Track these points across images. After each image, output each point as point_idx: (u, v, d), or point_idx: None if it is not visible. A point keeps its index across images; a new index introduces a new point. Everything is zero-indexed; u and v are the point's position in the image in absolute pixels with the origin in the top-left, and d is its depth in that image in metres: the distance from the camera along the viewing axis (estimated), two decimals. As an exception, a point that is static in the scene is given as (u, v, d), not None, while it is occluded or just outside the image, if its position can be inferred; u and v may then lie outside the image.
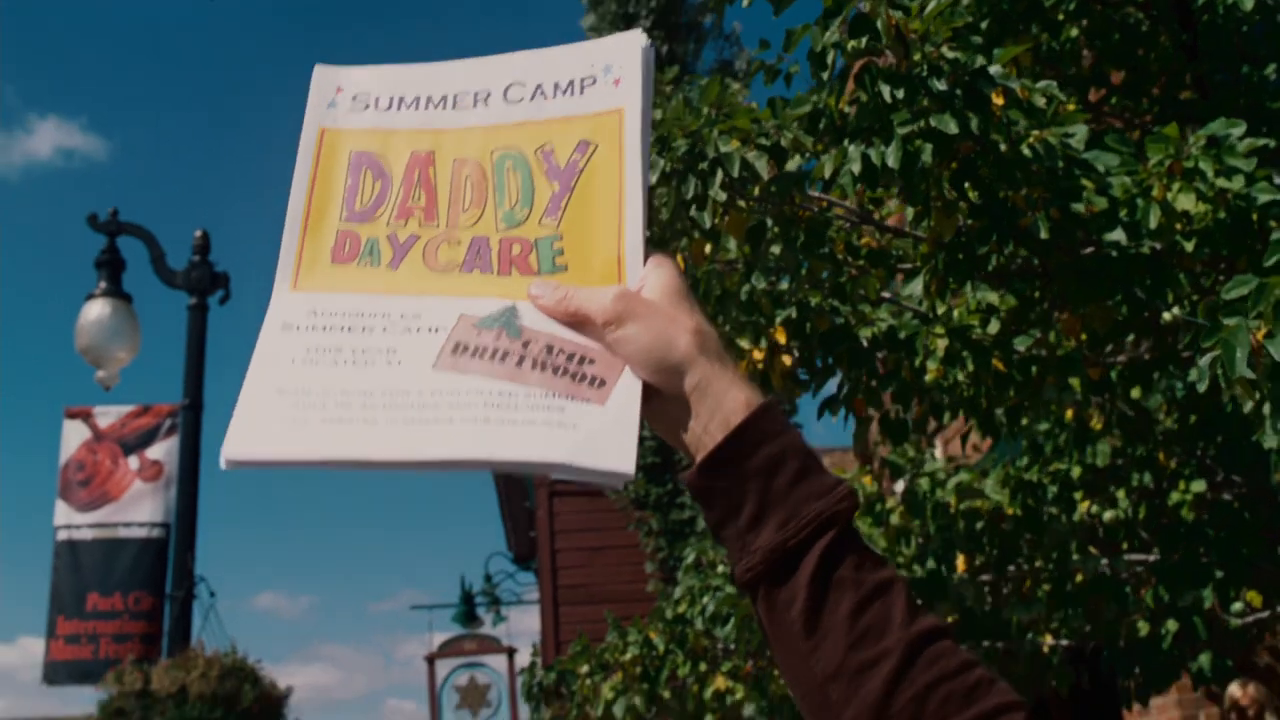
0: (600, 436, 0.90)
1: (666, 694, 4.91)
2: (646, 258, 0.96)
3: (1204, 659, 3.79)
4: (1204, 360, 1.90)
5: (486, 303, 0.96)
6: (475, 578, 21.16)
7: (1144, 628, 3.60)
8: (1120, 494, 3.86)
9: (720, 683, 4.65)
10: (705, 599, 4.67)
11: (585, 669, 4.95)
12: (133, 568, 11.41)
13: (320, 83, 1.04)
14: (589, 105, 1.00)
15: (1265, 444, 2.14)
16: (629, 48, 0.99)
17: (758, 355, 3.17)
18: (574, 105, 1.00)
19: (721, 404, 0.90)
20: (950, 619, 3.65)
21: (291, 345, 0.93)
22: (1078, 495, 3.45)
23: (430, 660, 19.18)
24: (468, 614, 19.73)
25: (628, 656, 4.87)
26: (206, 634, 10.97)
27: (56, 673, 11.38)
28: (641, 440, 7.58)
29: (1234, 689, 5.27)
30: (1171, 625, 3.61)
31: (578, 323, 0.93)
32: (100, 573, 11.42)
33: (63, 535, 11.56)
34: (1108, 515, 3.53)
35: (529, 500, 18.21)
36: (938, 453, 4.12)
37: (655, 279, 0.95)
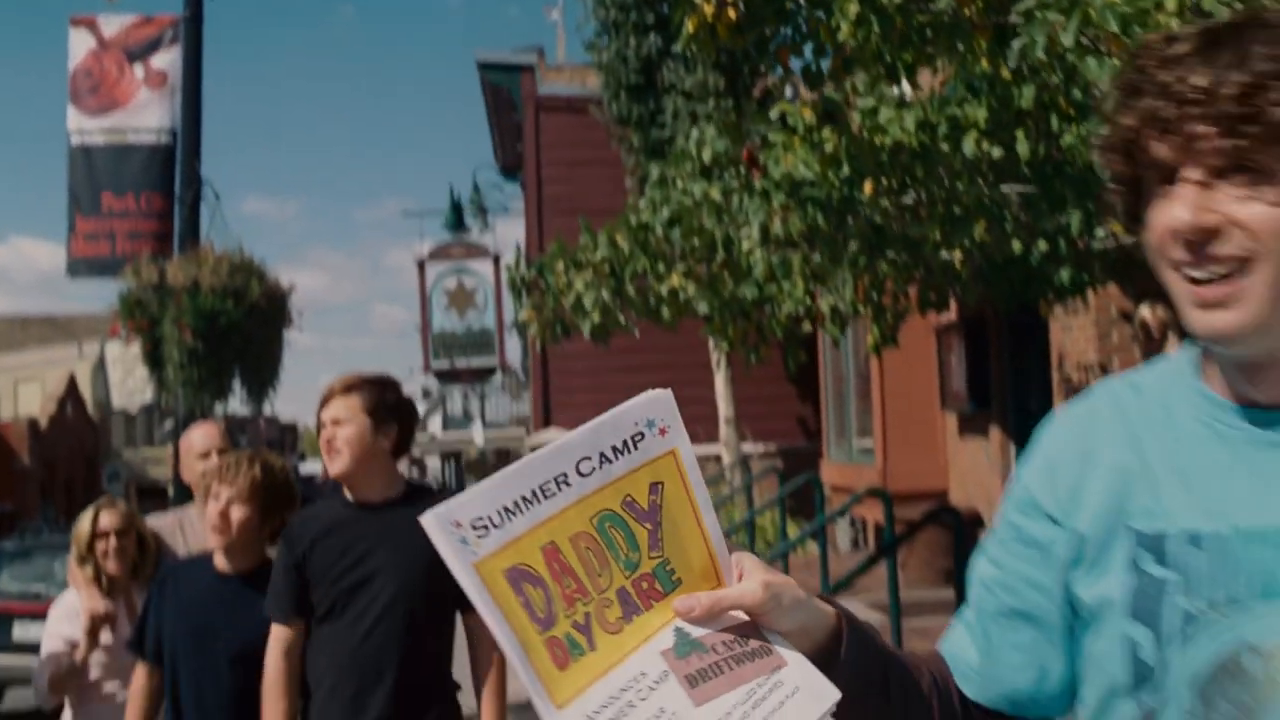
0: (812, 683, 1.19)
1: (630, 289, 5.75)
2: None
3: (1064, 273, 4.61)
4: (1015, 44, 2.52)
5: (662, 636, 1.19)
6: (463, 188, 21.83)
7: (1018, 247, 4.37)
8: (1020, 134, 4.54)
9: (675, 280, 5.47)
10: (664, 209, 5.42)
11: (561, 266, 5.77)
12: (143, 170, 12.04)
13: (438, 529, 1.16)
14: (646, 454, 1.22)
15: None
16: (664, 404, 1.26)
17: (708, 10, 3.76)
18: (635, 459, 1.21)
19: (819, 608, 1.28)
20: (861, 236, 4.41)
21: None
22: (971, 135, 4.12)
23: (421, 264, 20.24)
24: (456, 221, 20.57)
25: (598, 257, 5.67)
26: (214, 234, 11.81)
27: (78, 267, 12.22)
28: (624, 60, 8.37)
29: (1144, 311, 5.52)
30: (1042, 245, 4.38)
31: (726, 616, 1.23)
32: (113, 175, 12.06)
33: (76, 140, 12.11)
34: (996, 153, 4.22)
35: (517, 113, 18.59)
36: (908, 93, 4.68)
37: (749, 563, 1.27)
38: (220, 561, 3.58)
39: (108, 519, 4.26)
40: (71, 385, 44.01)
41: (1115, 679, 1.22)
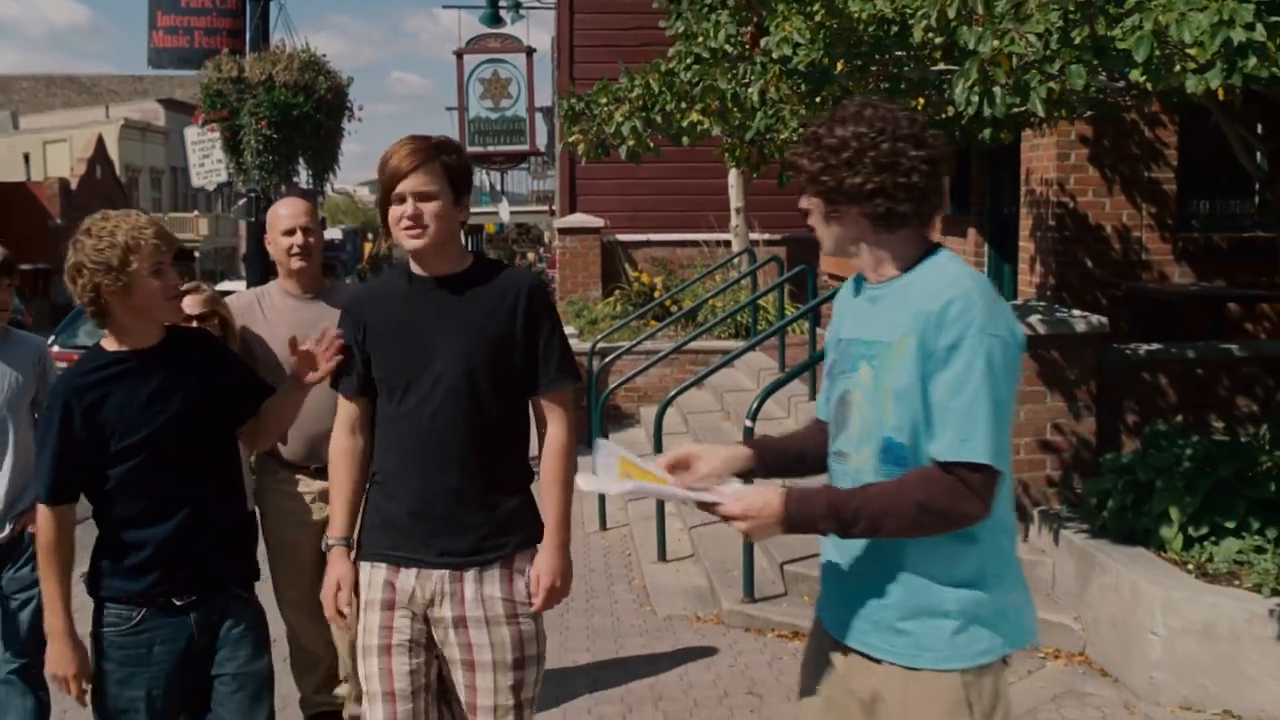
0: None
1: (659, 119, 7.16)
2: None
3: (987, 132, 5.99)
4: None
5: (662, 479, 2.60)
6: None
7: (951, 112, 5.78)
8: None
9: (694, 116, 6.88)
10: (689, 59, 6.80)
11: (604, 100, 7.19)
12: (220, -29, 13.11)
13: (606, 446, 2.61)
14: (615, 458, 2.67)
15: None
16: (608, 447, 2.69)
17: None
18: (617, 460, 2.66)
19: None
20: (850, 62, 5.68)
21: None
22: (920, 25, 5.44)
23: (459, 55, 21.35)
24: (493, 17, 21.51)
25: (634, 94, 7.07)
26: (280, 32, 13.04)
27: (160, 58, 13.46)
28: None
29: None
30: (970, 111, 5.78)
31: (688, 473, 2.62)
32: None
33: (160, -57, 13.16)
34: (938, 40, 5.55)
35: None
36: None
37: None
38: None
39: (190, 304, 4.25)
40: (100, 147, 44.83)
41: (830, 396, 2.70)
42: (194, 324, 4.13)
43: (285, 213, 4.63)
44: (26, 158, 49.59)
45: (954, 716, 2.43)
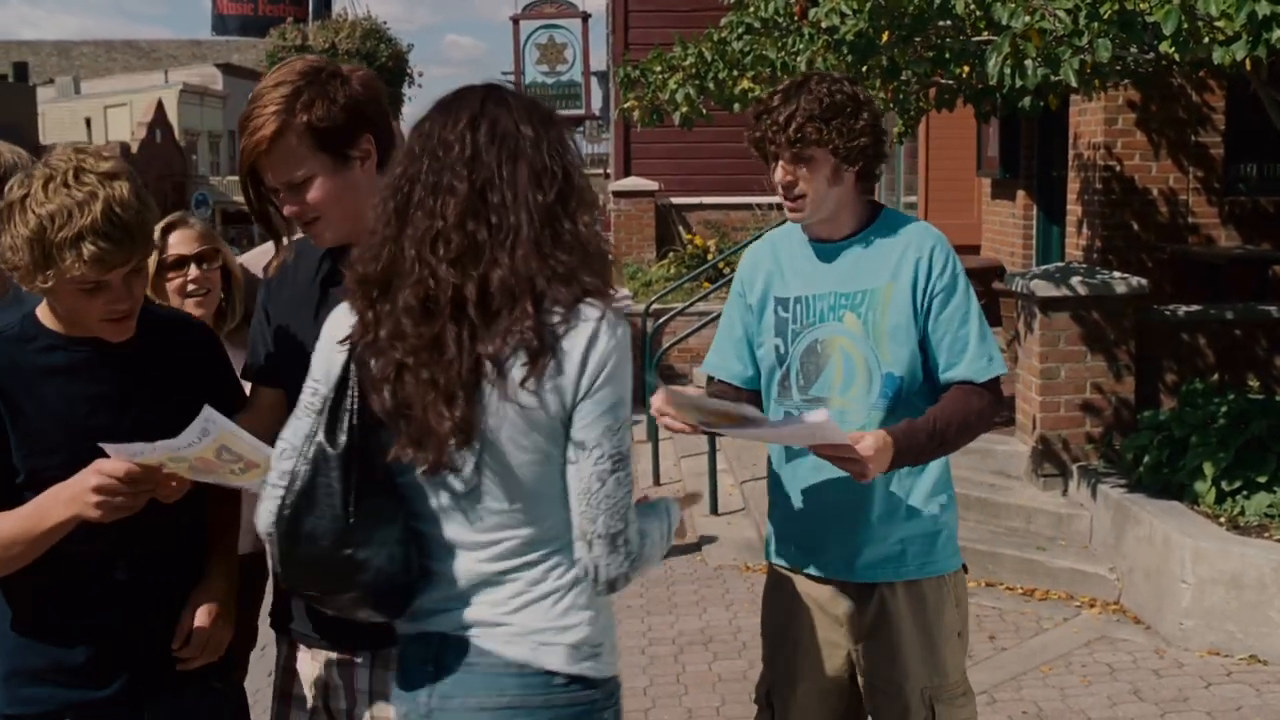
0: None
1: (711, 86, 7.41)
2: None
3: (1026, 101, 6.17)
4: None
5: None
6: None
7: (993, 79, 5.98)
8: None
9: (745, 84, 7.12)
10: (740, 29, 7.03)
11: (658, 69, 7.45)
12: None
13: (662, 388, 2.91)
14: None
15: None
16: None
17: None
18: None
19: None
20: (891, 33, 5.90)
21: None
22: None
23: (515, 20, 21.58)
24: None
25: (688, 62, 7.32)
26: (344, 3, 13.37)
27: (224, 24, 13.88)
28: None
29: None
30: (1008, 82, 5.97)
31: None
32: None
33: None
34: (979, 13, 5.75)
35: None
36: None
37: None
38: None
39: (180, 240, 3.24)
40: (159, 111, 45.36)
41: (771, 362, 2.88)
42: (190, 271, 3.22)
43: None
44: (88, 122, 50.36)
45: (949, 616, 2.84)
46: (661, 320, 11.92)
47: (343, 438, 1.92)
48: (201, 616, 2.35)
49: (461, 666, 1.97)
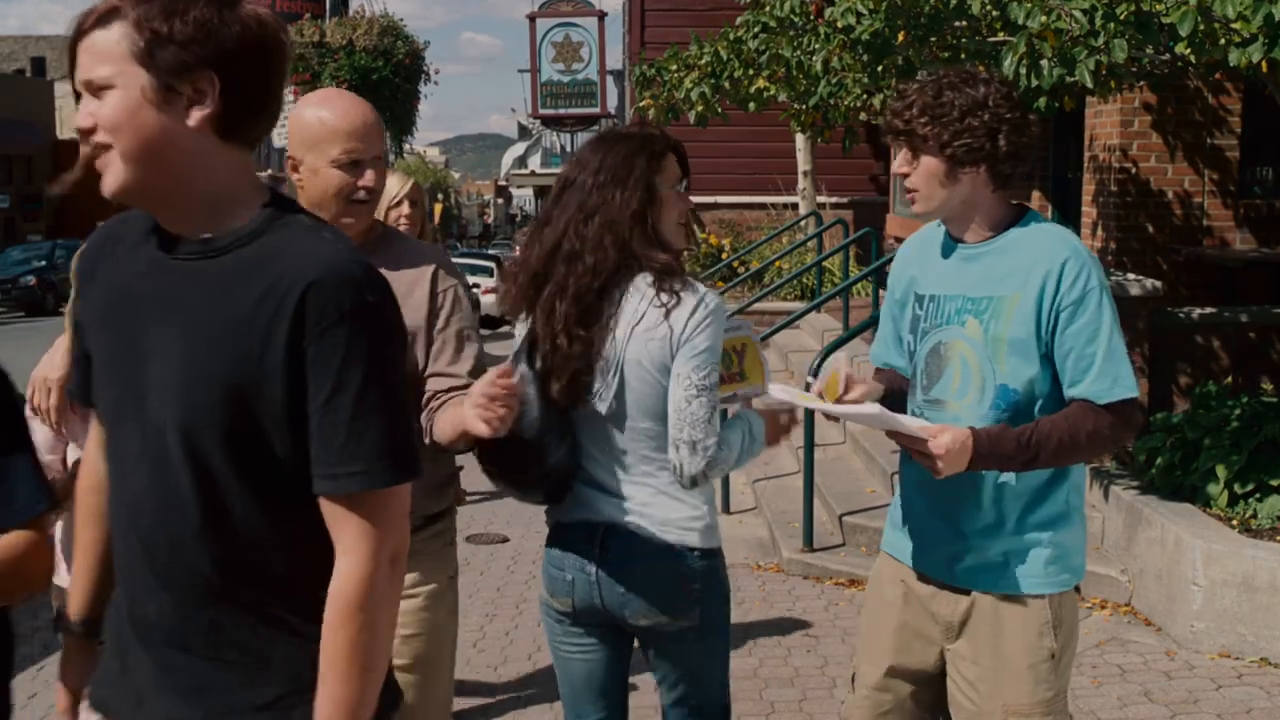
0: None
1: (727, 85, 7.43)
2: None
3: (1041, 101, 6.21)
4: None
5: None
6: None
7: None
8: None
9: (761, 82, 7.14)
10: (756, 28, 7.05)
11: (674, 67, 7.48)
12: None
13: None
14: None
15: None
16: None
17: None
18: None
19: None
20: (905, 33, 5.95)
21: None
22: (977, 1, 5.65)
23: (532, 19, 21.60)
24: (565, -21, 21.72)
25: (703, 61, 7.35)
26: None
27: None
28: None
29: None
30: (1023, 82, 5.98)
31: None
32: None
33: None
34: (994, 13, 5.75)
35: None
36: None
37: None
38: None
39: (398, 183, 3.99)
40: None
41: (906, 357, 2.90)
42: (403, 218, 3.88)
43: (341, 126, 2.79)
44: (107, 117, 50.33)
45: (1042, 637, 2.72)
46: (675, 318, 11.92)
47: (537, 365, 2.72)
48: None
49: (622, 547, 2.73)
